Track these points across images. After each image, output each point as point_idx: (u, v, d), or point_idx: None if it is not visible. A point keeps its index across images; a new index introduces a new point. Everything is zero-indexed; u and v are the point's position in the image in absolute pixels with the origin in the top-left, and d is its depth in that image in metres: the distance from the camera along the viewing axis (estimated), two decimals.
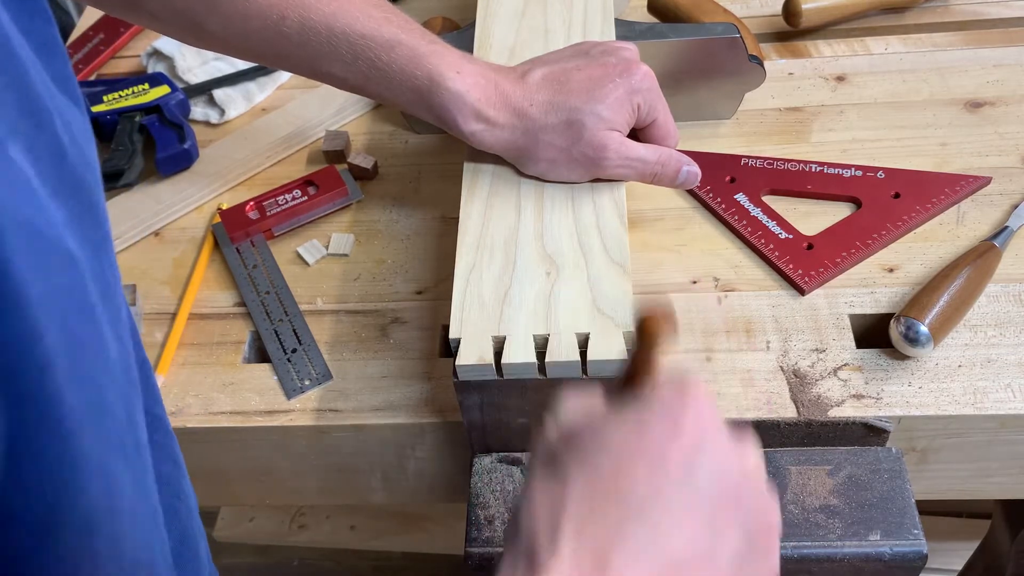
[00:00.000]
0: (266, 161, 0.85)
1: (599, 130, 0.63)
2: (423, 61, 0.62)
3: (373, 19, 0.62)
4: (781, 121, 0.81)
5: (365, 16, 0.62)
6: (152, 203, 0.81)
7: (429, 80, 0.62)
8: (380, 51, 0.62)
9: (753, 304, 0.68)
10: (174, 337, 0.71)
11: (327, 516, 1.49)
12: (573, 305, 0.58)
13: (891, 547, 0.57)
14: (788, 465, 0.61)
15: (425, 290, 0.73)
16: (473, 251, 0.62)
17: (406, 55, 0.62)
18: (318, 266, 0.76)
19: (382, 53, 0.62)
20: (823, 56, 0.87)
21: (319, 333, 0.70)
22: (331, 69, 0.64)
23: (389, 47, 0.62)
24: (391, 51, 0.62)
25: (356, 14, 0.61)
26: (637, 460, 0.38)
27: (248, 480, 0.72)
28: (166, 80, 0.88)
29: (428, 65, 0.62)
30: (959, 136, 0.78)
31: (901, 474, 0.60)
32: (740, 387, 0.63)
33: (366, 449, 0.67)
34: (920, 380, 0.62)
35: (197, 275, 0.75)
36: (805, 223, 0.72)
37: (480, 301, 0.59)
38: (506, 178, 0.67)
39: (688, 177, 0.67)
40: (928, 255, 0.70)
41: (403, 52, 0.62)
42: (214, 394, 0.67)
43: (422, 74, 0.62)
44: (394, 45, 0.62)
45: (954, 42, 0.87)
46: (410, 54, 0.62)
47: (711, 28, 0.76)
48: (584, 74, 0.64)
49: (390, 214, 0.79)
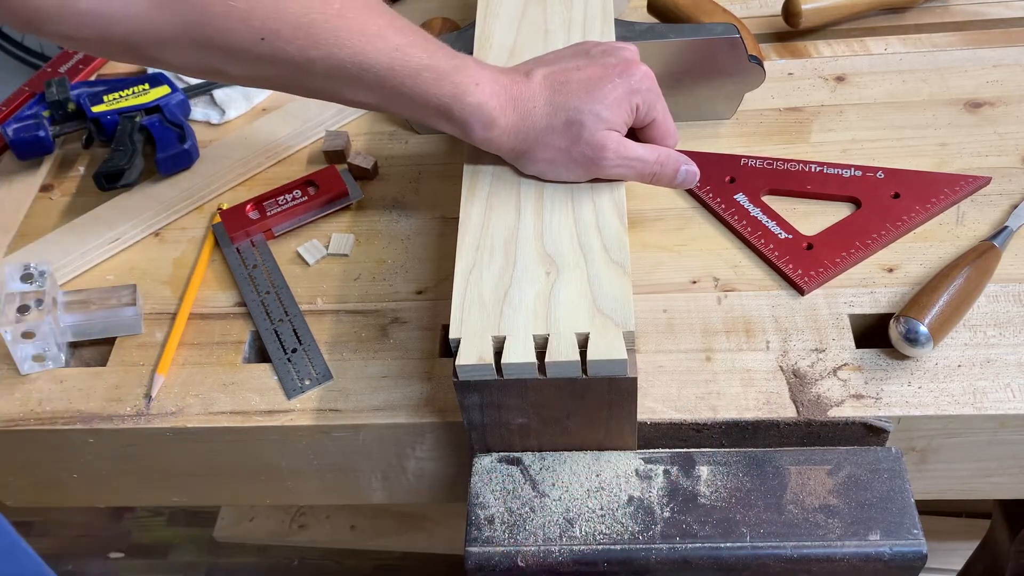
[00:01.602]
0: (266, 161, 0.85)
1: (598, 130, 0.63)
2: (445, 81, 0.62)
3: (399, 49, 0.61)
4: (781, 121, 0.82)
5: (391, 47, 0.61)
6: (152, 203, 0.81)
7: (452, 97, 0.62)
8: (406, 79, 0.62)
9: (753, 304, 0.68)
10: (174, 337, 0.71)
11: (327, 516, 1.49)
12: (573, 305, 0.58)
13: (891, 547, 0.57)
14: (788, 465, 0.61)
15: (425, 290, 0.73)
16: (473, 251, 0.62)
17: (431, 78, 0.62)
18: (318, 266, 0.76)
19: (407, 80, 0.62)
20: (823, 56, 0.87)
21: (319, 333, 0.70)
22: (356, 97, 0.64)
23: (415, 73, 0.62)
24: (417, 77, 0.62)
25: (383, 47, 0.61)
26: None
27: (248, 480, 0.72)
28: (166, 80, 0.88)
29: (451, 84, 0.62)
30: (959, 136, 0.78)
31: (901, 474, 0.60)
32: (740, 387, 0.63)
33: (366, 449, 0.67)
34: (920, 380, 0.62)
35: (197, 275, 0.75)
36: (805, 223, 0.72)
37: (480, 301, 0.59)
38: (506, 178, 0.67)
39: (687, 177, 0.68)
40: (928, 255, 0.70)
41: (428, 76, 0.62)
42: (214, 394, 0.67)
43: (444, 93, 0.62)
44: (420, 71, 0.62)
45: (954, 42, 0.87)
46: (434, 76, 0.62)
47: (711, 28, 0.76)
48: (584, 74, 0.64)
49: (390, 214, 0.79)
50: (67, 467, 0.71)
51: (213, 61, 0.60)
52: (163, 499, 0.75)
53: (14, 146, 0.86)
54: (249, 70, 0.61)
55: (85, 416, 0.67)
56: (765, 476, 0.60)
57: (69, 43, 0.61)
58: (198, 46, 0.59)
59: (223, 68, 0.61)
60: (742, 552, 0.57)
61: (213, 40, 0.58)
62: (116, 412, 0.67)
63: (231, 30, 0.58)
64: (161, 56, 0.60)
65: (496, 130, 0.63)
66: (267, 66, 0.60)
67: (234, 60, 0.60)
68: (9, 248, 0.80)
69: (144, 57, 0.61)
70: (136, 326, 0.72)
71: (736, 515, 0.59)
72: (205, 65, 0.61)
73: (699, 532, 0.58)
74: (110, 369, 0.70)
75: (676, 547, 0.58)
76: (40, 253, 0.78)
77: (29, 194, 0.85)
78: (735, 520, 0.58)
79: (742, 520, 0.58)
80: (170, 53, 0.60)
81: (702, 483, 0.60)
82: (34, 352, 0.69)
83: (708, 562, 0.58)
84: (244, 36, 0.58)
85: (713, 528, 0.58)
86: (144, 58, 0.61)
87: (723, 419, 0.62)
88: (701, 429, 0.62)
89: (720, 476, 0.61)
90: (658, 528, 0.58)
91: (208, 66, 0.61)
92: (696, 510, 0.59)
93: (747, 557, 0.57)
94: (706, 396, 0.63)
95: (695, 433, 0.62)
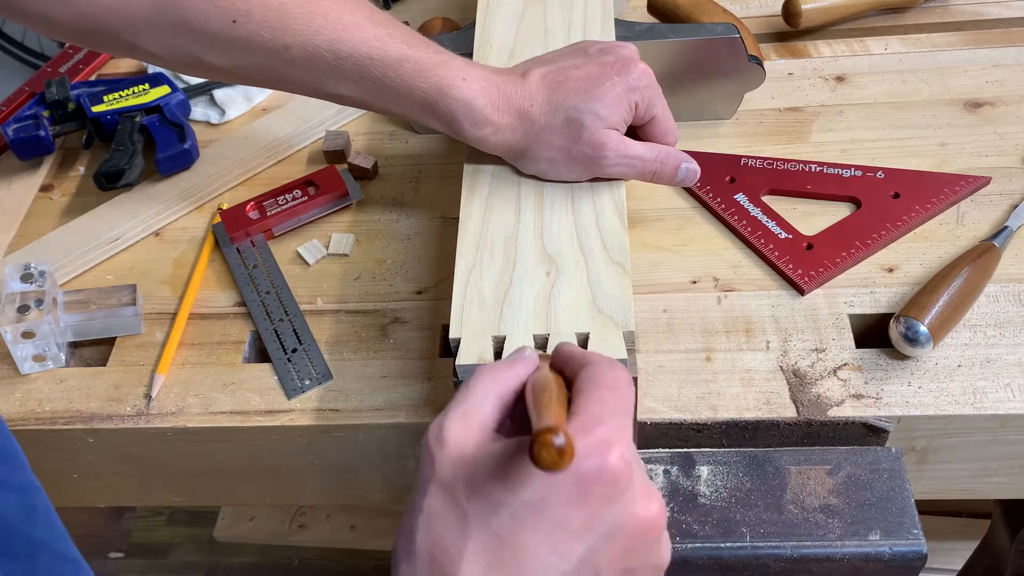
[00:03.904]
0: (266, 161, 0.85)
1: (598, 129, 0.63)
2: (430, 73, 0.62)
3: (378, 39, 0.61)
4: (781, 121, 0.82)
5: (370, 36, 0.61)
6: (152, 203, 0.81)
7: (437, 91, 0.62)
8: (388, 69, 0.62)
9: (753, 304, 0.68)
10: (174, 337, 0.71)
11: (327, 516, 1.49)
12: (573, 305, 0.58)
13: (891, 547, 0.57)
14: (788, 465, 0.61)
15: (425, 290, 0.73)
16: (473, 251, 0.62)
17: (413, 70, 0.62)
18: (318, 266, 0.76)
19: (389, 71, 0.62)
20: (823, 56, 0.87)
21: (319, 333, 0.70)
22: (337, 90, 0.64)
23: (397, 64, 0.62)
24: (399, 68, 0.62)
25: (360, 36, 0.61)
26: (537, 530, 0.40)
27: (248, 480, 0.72)
28: (166, 80, 0.88)
29: (435, 76, 0.62)
30: (958, 136, 0.78)
31: (901, 474, 0.60)
32: (740, 387, 0.63)
33: (366, 449, 0.67)
34: (920, 380, 0.62)
35: (197, 275, 0.75)
36: (805, 223, 0.72)
37: (480, 301, 0.59)
38: (506, 178, 0.67)
39: (687, 175, 0.67)
40: (928, 255, 0.70)
41: (410, 67, 0.62)
42: (214, 394, 0.67)
43: (430, 86, 0.62)
44: (401, 62, 0.62)
45: (954, 42, 0.87)
46: (417, 68, 0.62)
47: (711, 28, 0.76)
48: (582, 73, 0.64)
49: (390, 214, 0.79)
50: (67, 467, 0.71)
51: (190, 47, 0.61)
52: (163, 499, 0.75)
53: (14, 146, 0.86)
54: (228, 59, 0.61)
55: (85, 416, 0.67)
56: (765, 476, 0.60)
57: (47, 27, 0.62)
58: (172, 28, 0.59)
59: (202, 56, 0.61)
60: (742, 552, 0.57)
61: (186, 21, 0.59)
62: (116, 412, 0.67)
63: (202, 11, 0.59)
64: (138, 42, 0.61)
65: (488, 128, 0.63)
66: (243, 53, 0.61)
67: (210, 46, 0.60)
68: (9, 248, 0.80)
69: (122, 44, 0.62)
70: (136, 326, 0.72)
71: (736, 515, 0.59)
72: (184, 53, 0.61)
73: (699, 532, 0.58)
74: (110, 369, 0.70)
75: (676, 547, 0.57)
76: (40, 253, 0.78)
77: (29, 194, 0.85)
78: (735, 520, 0.58)
79: (742, 520, 0.58)
80: (146, 38, 0.60)
81: (702, 483, 0.60)
82: (34, 352, 0.69)
83: (708, 562, 0.58)
84: (214, 16, 0.59)
85: (713, 528, 0.58)
86: (123, 45, 0.62)
87: (723, 419, 0.62)
88: (701, 429, 0.62)
89: (720, 476, 0.61)
90: None
91: (187, 54, 0.61)
92: (696, 510, 0.59)
93: (747, 557, 0.57)
94: (706, 396, 0.63)
95: (695, 433, 0.62)
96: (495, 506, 0.40)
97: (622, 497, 0.41)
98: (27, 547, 0.45)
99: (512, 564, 0.40)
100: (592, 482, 0.40)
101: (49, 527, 0.47)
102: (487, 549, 0.40)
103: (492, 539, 0.40)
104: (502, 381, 0.46)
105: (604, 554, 0.41)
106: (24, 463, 0.48)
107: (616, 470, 0.40)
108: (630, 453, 0.42)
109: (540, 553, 0.40)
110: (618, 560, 0.41)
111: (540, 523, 0.40)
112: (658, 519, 0.42)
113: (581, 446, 0.40)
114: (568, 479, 0.40)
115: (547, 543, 0.40)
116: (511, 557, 0.40)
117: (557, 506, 0.40)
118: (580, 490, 0.40)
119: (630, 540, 0.41)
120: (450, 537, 0.40)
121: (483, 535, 0.40)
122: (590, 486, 0.40)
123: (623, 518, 0.41)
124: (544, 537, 0.40)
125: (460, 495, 0.41)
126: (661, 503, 0.43)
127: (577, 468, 0.40)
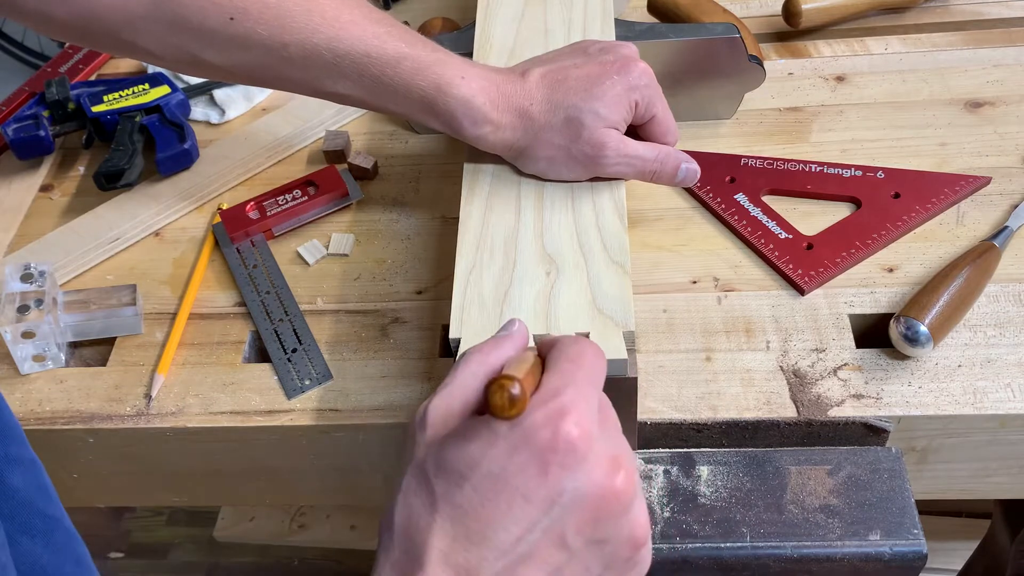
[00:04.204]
0: (266, 161, 0.85)
1: (597, 128, 0.63)
2: (428, 71, 0.62)
3: (377, 36, 0.61)
4: (781, 121, 0.82)
5: (368, 34, 0.61)
6: (152, 203, 0.81)
7: (435, 89, 0.62)
8: (386, 67, 0.62)
9: (753, 304, 0.68)
10: (174, 337, 0.71)
11: (327, 516, 1.49)
12: (573, 305, 0.58)
13: (891, 547, 0.57)
14: (788, 465, 0.61)
15: (425, 290, 0.73)
16: (473, 251, 0.62)
17: (411, 68, 0.62)
18: (318, 266, 0.76)
19: (387, 69, 0.62)
20: (823, 56, 0.87)
21: (319, 333, 0.70)
22: (335, 88, 0.64)
23: (395, 62, 0.62)
24: (397, 66, 0.62)
25: (358, 33, 0.61)
26: (499, 501, 0.41)
27: (248, 480, 0.72)
28: (166, 80, 0.88)
29: (433, 75, 0.62)
30: (959, 136, 0.78)
31: (901, 474, 0.60)
32: (740, 387, 0.63)
33: (366, 449, 0.67)
34: (920, 380, 0.62)
35: (197, 275, 0.75)
36: (805, 223, 0.72)
37: (480, 301, 0.59)
38: (506, 178, 0.67)
39: (687, 174, 0.67)
40: (928, 255, 0.70)
41: (408, 65, 0.62)
42: (214, 394, 0.67)
43: (428, 84, 0.62)
44: (399, 60, 0.62)
45: (954, 42, 0.87)
46: (415, 66, 0.62)
47: (711, 28, 0.76)
48: (582, 72, 0.64)
49: (390, 214, 0.79)
50: (67, 467, 0.71)
51: (188, 45, 0.61)
52: (163, 499, 0.75)
53: (14, 146, 0.86)
54: (226, 57, 0.61)
55: (85, 416, 0.67)
56: (765, 476, 0.60)
57: (46, 25, 0.62)
58: (170, 25, 0.59)
59: (199, 54, 0.61)
60: (742, 552, 0.57)
61: (184, 18, 0.59)
62: (116, 412, 0.67)
63: (199, 8, 0.59)
64: (137, 40, 0.61)
65: (488, 127, 0.63)
66: (241, 51, 0.61)
67: (208, 44, 0.61)
68: (9, 248, 0.80)
69: (121, 43, 0.62)
70: (136, 326, 0.72)
71: (736, 515, 0.59)
72: (182, 51, 0.61)
73: (699, 532, 0.58)
74: (110, 369, 0.70)
75: (676, 547, 0.58)
76: (40, 253, 0.78)
77: (29, 194, 0.85)
78: (735, 520, 0.58)
79: (742, 520, 0.58)
80: (145, 36, 0.60)
81: (702, 483, 0.60)
82: (34, 352, 0.69)
83: (708, 562, 0.58)
84: (211, 14, 0.59)
85: (713, 528, 0.58)
86: (121, 44, 0.62)
87: (723, 419, 0.62)
88: (701, 429, 0.62)
89: (720, 476, 0.61)
90: (658, 528, 0.58)
91: (185, 52, 0.61)
92: (696, 510, 0.59)
93: (747, 557, 0.57)
94: (706, 396, 0.63)
95: (695, 433, 0.62)
96: (459, 480, 0.42)
97: (582, 465, 0.41)
98: (43, 523, 0.46)
99: (477, 535, 0.41)
100: (547, 450, 0.41)
101: (57, 504, 0.48)
102: (453, 522, 0.41)
103: (457, 512, 0.41)
104: (488, 363, 0.47)
105: (569, 523, 0.41)
106: (25, 439, 0.48)
107: (570, 436, 0.41)
108: (587, 421, 0.42)
109: (504, 524, 0.41)
110: (586, 530, 0.42)
111: (501, 494, 0.41)
112: (623, 488, 0.42)
113: (538, 415, 0.41)
114: (525, 450, 0.41)
115: (508, 514, 0.41)
116: (476, 529, 0.41)
117: (516, 476, 0.41)
118: (537, 460, 0.41)
119: (594, 510, 0.42)
120: (421, 512, 0.42)
121: (449, 508, 0.41)
122: (546, 454, 0.41)
123: (586, 486, 0.41)
124: (505, 508, 0.41)
125: (430, 472, 0.43)
126: (629, 473, 0.43)
127: (533, 438, 0.41)
